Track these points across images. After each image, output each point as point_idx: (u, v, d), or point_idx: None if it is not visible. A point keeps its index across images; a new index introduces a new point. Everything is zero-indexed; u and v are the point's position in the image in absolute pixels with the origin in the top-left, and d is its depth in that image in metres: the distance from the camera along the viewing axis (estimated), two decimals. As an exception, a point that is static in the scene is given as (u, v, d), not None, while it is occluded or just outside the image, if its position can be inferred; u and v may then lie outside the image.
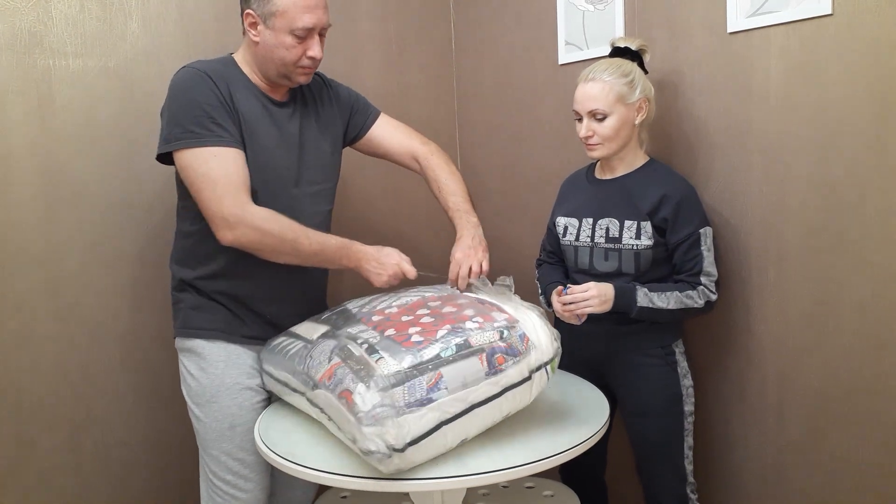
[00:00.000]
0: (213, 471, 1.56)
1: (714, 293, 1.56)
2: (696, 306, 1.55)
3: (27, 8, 1.64)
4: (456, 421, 1.19)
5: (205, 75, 1.49)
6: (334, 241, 1.53)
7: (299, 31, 1.48)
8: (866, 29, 1.38)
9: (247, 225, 1.44)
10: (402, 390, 1.15)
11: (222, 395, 1.54)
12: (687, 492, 1.63)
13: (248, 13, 1.51)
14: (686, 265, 1.57)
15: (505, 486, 1.92)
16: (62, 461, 1.75)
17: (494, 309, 1.36)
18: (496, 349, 1.25)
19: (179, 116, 1.46)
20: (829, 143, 1.46)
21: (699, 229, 1.55)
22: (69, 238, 1.73)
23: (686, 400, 1.61)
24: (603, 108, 1.55)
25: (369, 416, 1.13)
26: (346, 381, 1.20)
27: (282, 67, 1.53)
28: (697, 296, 1.54)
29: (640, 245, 1.56)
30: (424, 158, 1.75)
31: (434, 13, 2.34)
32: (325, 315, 1.54)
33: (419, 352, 1.21)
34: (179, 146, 1.45)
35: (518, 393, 1.27)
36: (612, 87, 1.55)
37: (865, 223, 1.43)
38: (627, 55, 1.61)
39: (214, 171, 1.44)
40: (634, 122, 1.59)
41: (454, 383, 1.19)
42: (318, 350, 1.35)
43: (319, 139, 1.67)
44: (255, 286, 1.58)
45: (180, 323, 1.60)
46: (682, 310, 1.54)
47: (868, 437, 1.47)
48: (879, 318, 1.43)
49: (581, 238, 1.65)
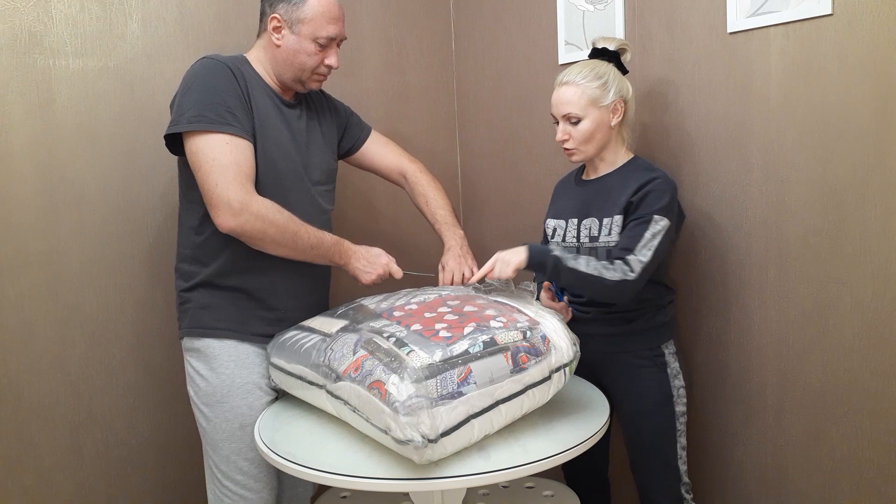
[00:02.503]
0: (223, 471, 1.56)
1: (632, 272, 1.46)
2: (609, 279, 1.45)
3: (27, 8, 1.64)
4: (484, 415, 1.23)
5: (226, 67, 1.51)
6: (329, 237, 1.59)
7: (322, 39, 1.56)
8: (866, 29, 1.38)
9: (251, 213, 1.45)
10: (435, 382, 1.18)
11: (233, 395, 1.54)
12: (682, 492, 1.63)
13: (275, 17, 1.55)
14: (623, 241, 1.51)
15: (505, 486, 1.92)
16: (62, 461, 1.75)
17: (515, 311, 1.40)
18: (520, 348, 1.29)
19: (196, 101, 1.46)
20: (829, 142, 1.46)
21: (654, 215, 1.50)
22: (69, 238, 1.73)
23: (677, 400, 1.61)
24: (576, 112, 1.56)
25: (405, 405, 1.14)
26: (376, 373, 1.22)
27: (300, 72, 1.59)
28: (615, 269, 1.46)
29: (611, 242, 1.55)
30: (413, 175, 1.86)
31: (434, 13, 2.34)
32: (339, 311, 1.55)
33: (448, 347, 1.24)
34: (192, 128, 1.45)
35: (538, 391, 1.31)
36: (585, 91, 1.55)
37: (865, 223, 1.43)
38: (605, 56, 1.61)
39: (226, 156, 1.45)
40: (610, 124, 1.58)
41: (482, 378, 1.22)
42: (339, 343, 1.36)
43: (322, 142, 1.71)
44: (270, 280, 1.59)
45: (188, 323, 1.59)
46: (596, 277, 1.45)
47: (868, 437, 1.47)
48: (879, 318, 1.43)
49: (567, 239, 1.65)
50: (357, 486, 1.19)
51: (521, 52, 2.16)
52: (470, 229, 2.44)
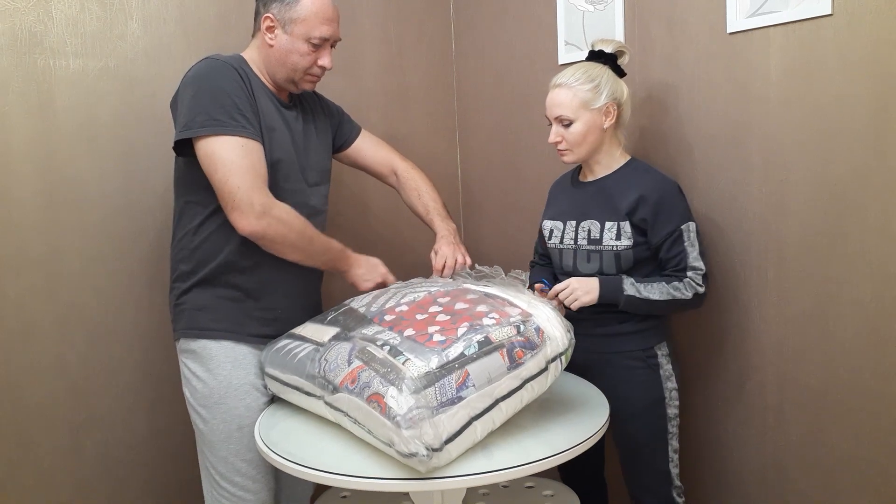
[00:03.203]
0: (221, 473, 1.56)
1: (701, 286, 1.54)
2: (684, 298, 1.53)
3: (27, 8, 1.64)
4: (485, 415, 1.22)
5: (231, 67, 1.51)
6: (336, 244, 1.61)
7: (316, 39, 1.56)
8: (866, 29, 1.38)
9: (274, 216, 1.47)
10: (434, 391, 1.17)
11: (230, 397, 1.54)
12: (673, 495, 1.62)
13: (268, 17, 1.55)
14: (671, 262, 1.56)
15: (505, 486, 1.92)
16: (62, 461, 1.75)
17: (507, 304, 1.39)
18: (515, 344, 1.28)
19: (205, 104, 1.45)
20: (829, 142, 1.46)
21: (680, 226, 1.55)
22: (69, 238, 1.73)
23: (669, 403, 1.60)
24: (568, 115, 1.57)
25: (406, 419, 1.13)
26: (373, 385, 1.20)
27: (292, 73, 1.58)
28: (684, 287, 1.54)
29: (620, 246, 1.56)
30: (404, 171, 1.88)
31: (434, 13, 2.34)
32: (329, 316, 1.54)
33: (443, 351, 1.22)
34: (206, 132, 1.44)
35: (535, 384, 1.31)
36: (577, 94, 1.56)
37: (865, 223, 1.43)
38: (602, 58, 1.61)
39: (244, 159, 1.45)
40: (602, 127, 1.58)
41: (480, 380, 1.21)
42: (332, 353, 1.34)
43: (318, 143, 1.72)
44: (265, 279, 1.59)
45: (184, 324, 1.59)
46: (670, 301, 1.53)
47: (868, 438, 1.47)
48: (879, 318, 1.43)
49: (565, 241, 1.66)
50: (357, 486, 1.19)
51: (521, 52, 2.16)
52: (470, 229, 2.44)
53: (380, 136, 1.96)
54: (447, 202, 1.89)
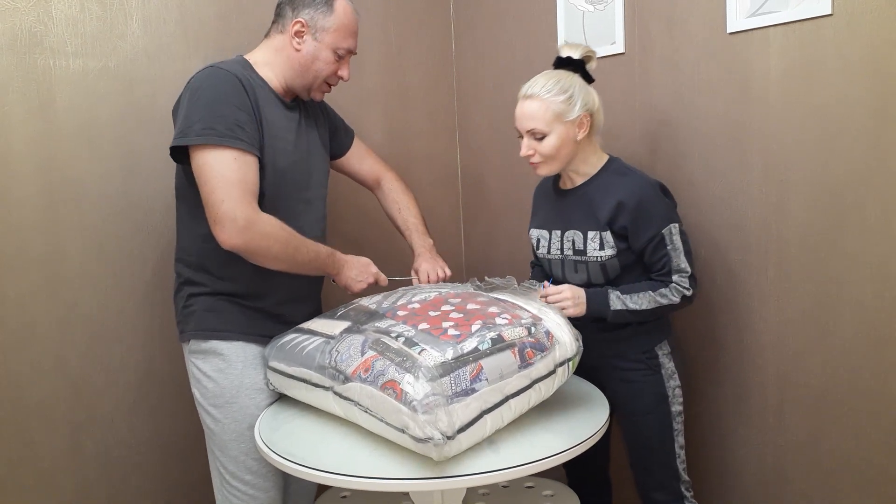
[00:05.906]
0: (232, 472, 1.56)
1: (688, 289, 1.52)
2: (671, 303, 1.52)
3: (27, 8, 1.64)
4: (495, 410, 1.25)
5: (235, 78, 1.49)
6: (324, 249, 1.60)
7: (342, 50, 1.60)
8: (866, 29, 1.38)
9: (257, 231, 1.45)
10: (449, 380, 1.20)
11: (242, 396, 1.54)
12: (682, 490, 1.63)
13: (300, 21, 1.55)
14: (655, 266, 1.54)
15: (505, 485, 1.92)
16: (62, 461, 1.75)
17: (517, 308, 1.43)
18: (526, 343, 1.32)
19: (204, 113, 1.45)
20: (829, 143, 1.46)
21: (661, 230, 1.51)
22: (69, 238, 1.73)
23: (673, 401, 1.60)
24: (541, 128, 1.51)
25: (423, 404, 1.15)
26: (388, 373, 1.22)
27: (312, 80, 1.60)
28: (671, 293, 1.52)
29: (604, 256, 1.54)
30: (389, 182, 1.90)
31: (434, 13, 2.34)
32: (338, 312, 1.55)
33: (458, 345, 1.26)
34: (201, 142, 1.44)
35: (543, 386, 1.34)
36: (549, 106, 1.49)
37: (865, 223, 1.43)
38: (570, 66, 1.55)
39: (235, 173, 1.44)
40: (576, 139, 1.53)
41: (493, 375, 1.24)
42: (344, 345, 1.36)
43: (320, 146, 1.72)
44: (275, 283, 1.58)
45: (194, 326, 1.58)
46: (658, 308, 1.52)
47: (868, 438, 1.47)
48: (879, 318, 1.43)
49: (552, 251, 1.65)
50: (357, 486, 1.19)
51: (521, 52, 2.16)
52: (470, 229, 2.44)
53: (380, 135, 1.97)
54: (447, 202, 1.89)
